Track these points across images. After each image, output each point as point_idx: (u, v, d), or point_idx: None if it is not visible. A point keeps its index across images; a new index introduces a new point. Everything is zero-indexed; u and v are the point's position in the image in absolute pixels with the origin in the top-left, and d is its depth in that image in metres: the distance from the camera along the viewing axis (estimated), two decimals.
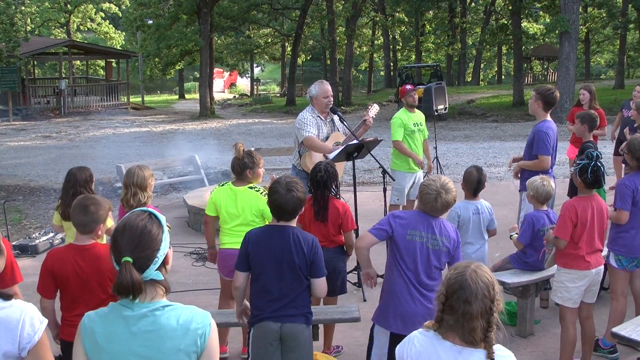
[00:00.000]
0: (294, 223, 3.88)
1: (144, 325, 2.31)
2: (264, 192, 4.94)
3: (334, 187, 5.30)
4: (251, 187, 5.15)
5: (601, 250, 4.87)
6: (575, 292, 4.76)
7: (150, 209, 2.49)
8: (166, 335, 2.31)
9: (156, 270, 2.34)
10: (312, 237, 3.86)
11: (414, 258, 3.93)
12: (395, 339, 3.64)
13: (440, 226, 3.99)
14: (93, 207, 3.79)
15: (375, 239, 4.01)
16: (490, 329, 2.36)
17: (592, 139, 6.89)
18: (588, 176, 4.60)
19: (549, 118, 6.36)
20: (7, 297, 2.39)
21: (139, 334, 2.31)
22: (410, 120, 8.15)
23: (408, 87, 8.40)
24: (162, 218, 2.45)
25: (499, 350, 2.44)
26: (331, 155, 6.67)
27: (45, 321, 2.44)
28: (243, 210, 5.08)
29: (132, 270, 2.26)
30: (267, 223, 4.90)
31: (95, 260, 3.75)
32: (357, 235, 6.60)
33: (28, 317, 2.37)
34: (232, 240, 5.04)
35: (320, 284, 3.84)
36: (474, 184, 5.50)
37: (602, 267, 4.91)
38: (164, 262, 2.40)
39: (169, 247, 2.45)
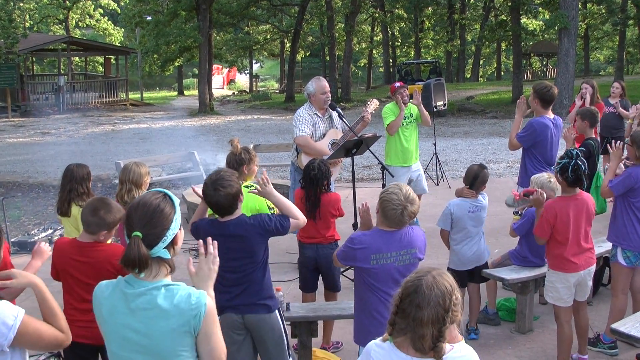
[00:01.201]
0: (238, 212, 3.81)
1: (141, 303, 2.41)
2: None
3: (325, 185, 5.31)
4: (245, 187, 5.14)
5: (590, 250, 4.86)
6: (565, 292, 4.78)
7: (167, 191, 2.55)
8: (160, 314, 2.40)
9: (164, 248, 2.44)
10: (257, 214, 3.91)
11: (385, 279, 3.70)
12: None
13: (407, 238, 3.73)
14: (103, 212, 3.77)
15: (343, 263, 3.99)
16: (442, 338, 2.30)
17: (594, 135, 6.86)
18: (569, 175, 4.62)
19: (549, 115, 6.35)
20: None
21: (136, 311, 2.42)
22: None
23: (397, 84, 8.34)
24: (177, 200, 2.53)
25: (456, 352, 2.39)
26: (328, 155, 6.66)
27: (21, 312, 2.48)
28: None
29: (140, 244, 2.36)
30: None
31: (92, 260, 3.74)
32: (355, 227, 6.61)
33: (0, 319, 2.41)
34: None
35: (296, 224, 3.89)
36: (470, 178, 5.46)
37: (592, 267, 4.90)
38: (173, 242, 2.49)
39: (180, 229, 2.53)
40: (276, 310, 3.93)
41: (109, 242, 3.90)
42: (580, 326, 5.00)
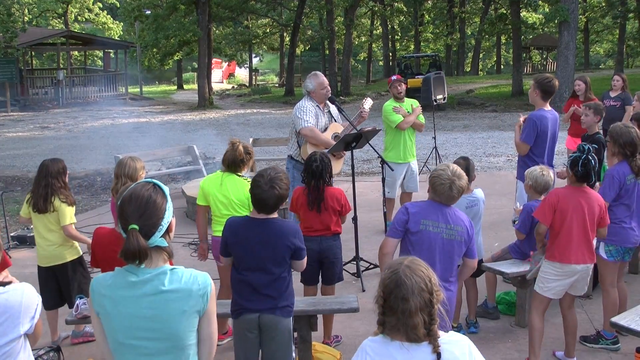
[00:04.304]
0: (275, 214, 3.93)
1: (149, 290, 2.45)
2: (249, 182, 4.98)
3: (328, 177, 5.31)
4: (239, 175, 5.20)
5: (589, 247, 4.73)
6: (556, 284, 4.72)
7: (155, 180, 2.59)
8: (170, 297, 2.45)
9: (160, 237, 2.49)
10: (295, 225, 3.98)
11: (429, 249, 3.87)
12: None
13: (454, 215, 3.94)
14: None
15: (396, 240, 3.99)
16: (433, 321, 2.32)
17: (600, 131, 6.89)
18: (578, 169, 4.60)
19: (547, 107, 6.35)
20: (4, 284, 2.54)
21: (144, 298, 2.45)
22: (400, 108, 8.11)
23: (393, 77, 8.34)
24: (166, 188, 2.59)
25: (451, 336, 2.41)
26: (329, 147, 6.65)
27: (39, 299, 2.62)
28: (229, 197, 5.11)
29: (138, 237, 2.41)
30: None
31: None
32: (355, 221, 6.60)
33: (26, 298, 2.55)
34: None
35: (302, 263, 3.99)
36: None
37: (589, 265, 4.78)
38: (168, 230, 2.55)
39: (172, 216, 2.59)
40: (290, 319, 3.96)
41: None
42: (569, 325, 4.89)
